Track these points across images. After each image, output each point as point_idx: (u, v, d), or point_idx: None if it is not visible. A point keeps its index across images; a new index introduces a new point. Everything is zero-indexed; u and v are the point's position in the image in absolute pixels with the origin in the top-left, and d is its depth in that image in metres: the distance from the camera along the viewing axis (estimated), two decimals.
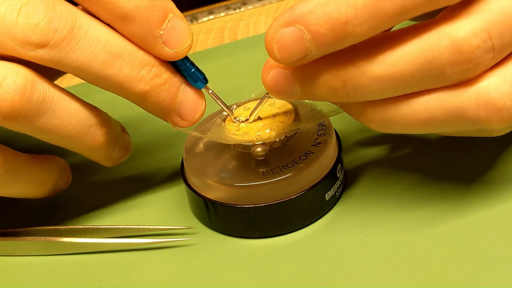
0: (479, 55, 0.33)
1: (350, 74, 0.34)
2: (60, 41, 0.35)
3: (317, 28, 0.32)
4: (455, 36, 0.32)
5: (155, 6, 0.36)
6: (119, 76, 0.36)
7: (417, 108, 0.34)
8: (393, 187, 0.41)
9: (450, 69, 0.33)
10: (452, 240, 0.37)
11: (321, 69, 0.34)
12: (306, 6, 0.33)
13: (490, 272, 0.35)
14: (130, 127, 0.41)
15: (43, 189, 0.41)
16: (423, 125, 0.35)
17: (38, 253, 0.41)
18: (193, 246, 0.40)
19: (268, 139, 0.39)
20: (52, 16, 0.35)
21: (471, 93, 0.33)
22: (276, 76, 0.36)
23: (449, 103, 0.34)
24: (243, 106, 0.42)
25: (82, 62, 0.36)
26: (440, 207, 0.39)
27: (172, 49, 0.37)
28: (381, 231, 0.38)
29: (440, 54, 0.33)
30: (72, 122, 0.37)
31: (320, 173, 0.40)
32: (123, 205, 0.44)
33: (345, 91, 0.34)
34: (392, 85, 0.33)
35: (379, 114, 0.35)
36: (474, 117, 0.34)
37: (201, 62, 0.39)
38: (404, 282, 0.36)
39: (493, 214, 0.38)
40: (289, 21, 0.33)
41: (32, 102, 0.35)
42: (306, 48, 0.33)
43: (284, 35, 0.33)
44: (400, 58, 0.33)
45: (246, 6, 0.62)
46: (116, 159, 0.41)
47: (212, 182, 0.39)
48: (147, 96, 0.37)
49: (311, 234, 0.39)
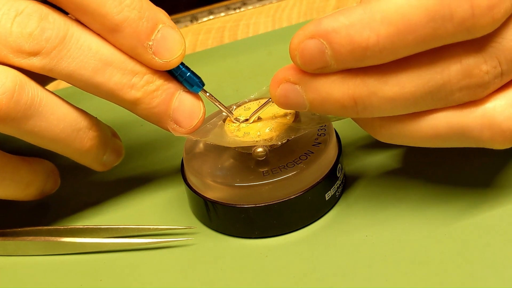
0: (488, 80, 0.33)
1: (361, 94, 0.34)
2: (52, 49, 0.36)
3: (339, 48, 0.33)
4: (466, 62, 0.33)
5: (143, 18, 0.36)
6: (109, 83, 0.37)
7: (424, 126, 0.35)
8: (393, 187, 0.41)
9: (459, 93, 0.34)
10: (452, 240, 0.37)
11: (332, 86, 0.35)
12: (331, 23, 0.33)
13: (490, 272, 0.35)
14: (130, 127, 0.41)
15: (30, 191, 0.41)
16: (428, 141, 0.36)
17: (38, 253, 0.41)
18: (193, 246, 0.40)
19: (270, 140, 0.39)
20: (45, 26, 0.36)
21: (476, 114, 0.34)
22: (285, 90, 0.36)
23: (455, 122, 0.35)
24: (243, 106, 0.42)
25: (72, 69, 0.36)
26: (440, 207, 0.39)
27: (163, 59, 0.37)
28: (381, 231, 0.38)
29: (450, 78, 0.34)
30: (60, 125, 0.38)
31: (320, 173, 0.40)
32: (123, 205, 0.44)
33: (355, 109, 0.35)
34: (401, 105, 0.34)
35: (386, 129, 0.36)
36: (478, 137, 0.35)
37: (201, 62, 0.39)
38: (404, 282, 0.36)
39: (493, 213, 0.38)
40: (314, 34, 0.34)
41: (20, 105, 0.36)
42: (326, 61, 0.34)
43: (307, 46, 0.34)
44: (412, 80, 0.34)
45: (246, 6, 0.62)
46: (107, 163, 0.42)
47: (212, 182, 0.39)
48: (139, 103, 0.38)
49: (311, 234, 0.39)
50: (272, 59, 0.55)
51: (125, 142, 0.48)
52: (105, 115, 0.43)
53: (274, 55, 0.55)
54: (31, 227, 0.42)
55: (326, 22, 0.34)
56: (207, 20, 0.62)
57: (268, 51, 0.56)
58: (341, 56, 0.34)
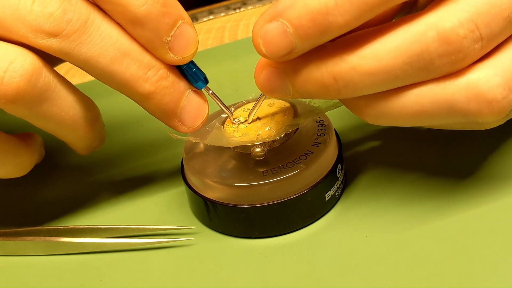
0: (467, 45, 0.33)
1: (340, 70, 0.34)
2: (72, 32, 0.35)
3: (299, 21, 0.33)
4: (442, 27, 0.33)
5: (166, 13, 0.36)
6: (125, 74, 0.37)
7: (408, 102, 0.34)
8: (393, 187, 0.41)
9: (439, 61, 0.33)
10: (452, 240, 0.37)
11: (311, 65, 0.35)
12: (287, 1, 0.33)
13: (490, 271, 0.35)
14: (130, 127, 0.41)
15: (27, 169, 0.41)
16: (415, 118, 0.35)
17: (38, 253, 0.41)
18: (193, 246, 0.40)
19: (268, 137, 0.39)
20: (67, 7, 0.35)
21: (461, 86, 0.33)
22: (268, 75, 0.36)
23: (439, 96, 0.34)
24: (243, 108, 0.42)
25: (90, 56, 0.36)
26: (441, 207, 0.39)
27: (177, 55, 0.37)
28: (381, 230, 0.38)
29: (428, 46, 0.33)
30: (70, 112, 0.38)
31: (320, 173, 0.40)
32: (123, 205, 0.44)
33: (336, 87, 0.34)
34: (382, 79, 0.34)
35: (371, 108, 0.35)
36: (465, 110, 0.34)
37: (201, 62, 0.39)
38: (404, 282, 0.36)
39: (493, 213, 0.38)
40: (273, 16, 0.33)
41: (36, 88, 0.36)
42: (291, 42, 0.34)
43: (268, 30, 0.34)
44: (389, 52, 0.33)
45: (246, 6, 0.62)
46: (92, 148, 0.41)
47: (212, 182, 0.39)
48: (151, 97, 0.38)
49: (311, 234, 0.39)
50: None
51: (125, 142, 0.49)
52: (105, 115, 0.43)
53: None
54: (31, 227, 0.42)
55: (281, 2, 0.33)
56: (207, 20, 0.62)
57: None
58: (304, 31, 0.33)
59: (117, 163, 0.47)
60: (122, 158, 0.47)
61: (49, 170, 0.46)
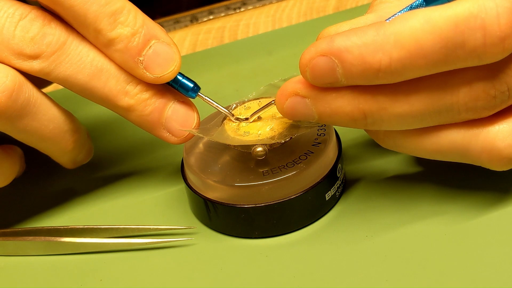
0: (494, 104, 0.34)
1: (371, 109, 0.35)
2: (51, 53, 0.37)
3: (350, 67, 0.34)
4: (476, 86, 0.34)
5: (137, 34, 0.37)
6: (104, 89, 0.38)
7: (427, 141, 0.36)
8: (393, 187, 0.41)
9: (465, 113, 0.35)
10: (452, 239, 0.37)
11: (343, 101, 0.35)
12: (344, 42, 0.34)
13: (491, 271, 0.35)
14: (130, 127, 0.41)
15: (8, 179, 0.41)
16: (429, 154, 0.37)
17: (38, 253, 0.41)
18: (193, 246, 0.40)
19: (271, 139, 0.39)
20: (47, 31, 0.37)
21: (479, 137, 0.35)
22: (294, 103, 0.36)
23: (457, 141, 0.36)
24: (244, 105, 0.42)
25: (69, 74, 0.38)
26: (441, 206, 0.39)
27: (154, 74, 0.38)
28: (381, 230, 0.38)
29: (459, 100, 0.34)
30: (49, 126, 0.39)
31: (320, 173, 0.40)
32: (123, 205, 0.44)
33: (364, 122, 0.35)
34: (409, 121, 0.35)
35: (390, 139, 0.37)
36: (475, 158, 0.36)
37: (201, 62, 0.39)
38: (404, 282, 0.36)
39: (493, 214, 0.38)
40: (326, 52, 0.34)
41: (17, 104, 0.37)
42: (337, 78, 0.34)
43: (319, 63, 0.34)
44: (421, 100, 0.34)
45: (246, 6, 0.62)
46: (78, 162, 0.43)
47: (212, 182, 0.39)
48: (132, 110, 0.39)
49: (311, 234, 0.39)
50: (272, 59, 0.55)
51: (125, 142, 0.49)
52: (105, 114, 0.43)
53: (274, 55, 0.55)
54: (31, 227, 0.42)
55: (339, 41, 0.34)
56: (207, 20, 0.62)
57: (268, 51, 0.56)
58: (352, 75, 0.34)
59: (117, 163, 0.47)
60: (122, 158, 0.47)
61: (49, 170, 0.46)
